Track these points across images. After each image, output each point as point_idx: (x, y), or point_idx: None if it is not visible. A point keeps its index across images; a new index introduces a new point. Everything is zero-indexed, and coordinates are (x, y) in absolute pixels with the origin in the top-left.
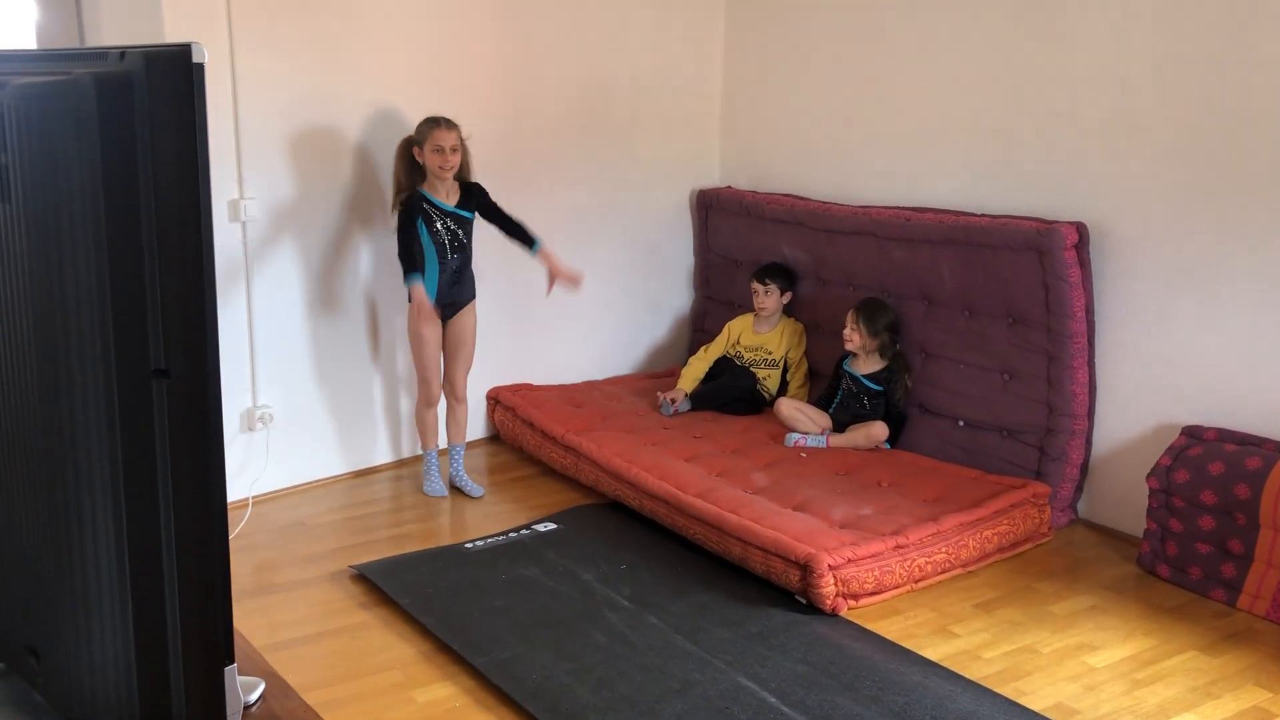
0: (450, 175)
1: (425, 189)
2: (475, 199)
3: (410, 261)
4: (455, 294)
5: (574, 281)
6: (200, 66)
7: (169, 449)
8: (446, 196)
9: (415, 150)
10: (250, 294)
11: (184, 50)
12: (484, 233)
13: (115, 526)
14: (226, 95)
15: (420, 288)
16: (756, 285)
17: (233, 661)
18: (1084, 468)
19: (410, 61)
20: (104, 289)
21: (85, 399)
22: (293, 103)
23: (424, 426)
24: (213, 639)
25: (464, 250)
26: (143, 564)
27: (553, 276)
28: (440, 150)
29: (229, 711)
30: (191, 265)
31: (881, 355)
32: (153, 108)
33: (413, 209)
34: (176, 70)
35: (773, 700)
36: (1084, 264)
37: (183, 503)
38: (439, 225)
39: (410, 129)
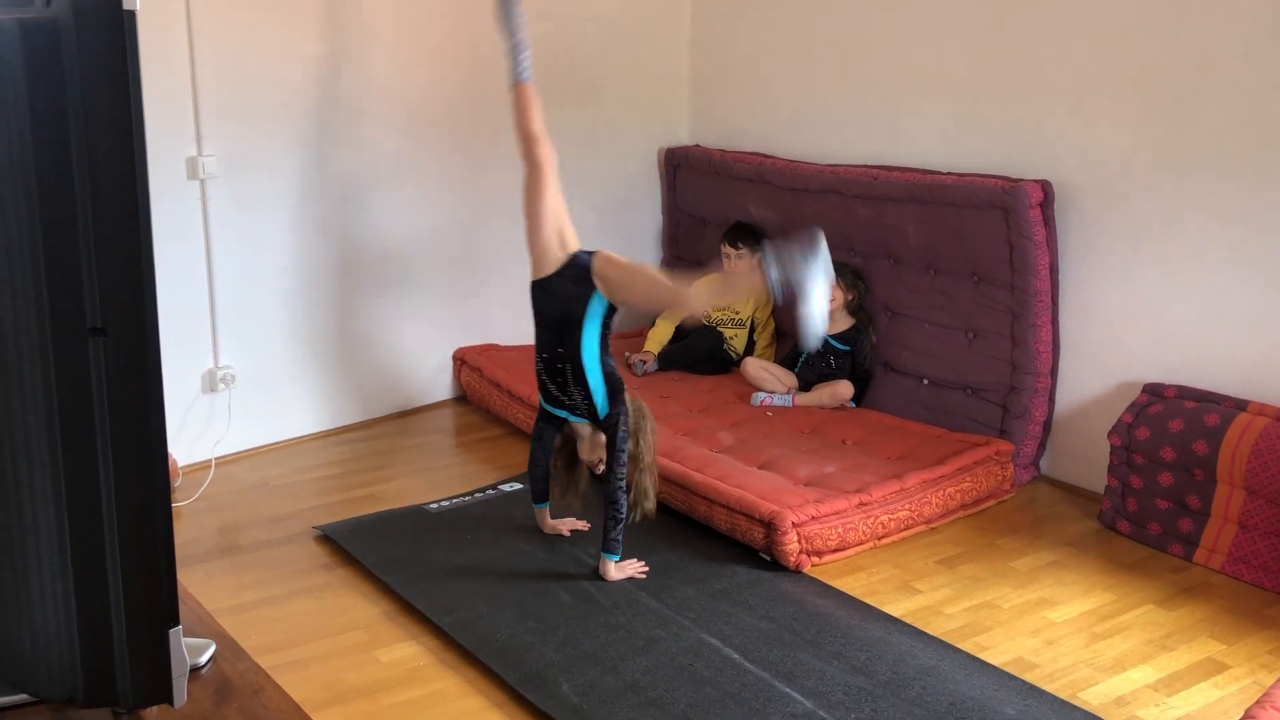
0: None
1: None
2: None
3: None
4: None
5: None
6: (132, 14)
7: (108, 408)
8: None
9: None
10: (210, 253)
11: None
12: (434, 180)
13: (54, 488)
14: (182, 48)
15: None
16: (728, 249)
17: (177, 623)
18: (1047, 425)
19: (371, 13)
20: (35, 244)
21: (20, 358)
22: (253, 55)
23: None
24: (157, 601)
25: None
26: (83, 526)
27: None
28: None
29: (174, 673)
30: (128, 221)
31: (849, 313)
32: (82, 56)
33: None
34: (106, 17)
35: (736, 657)
36: (1048, 222)
37: (123, 463)
38: None
39: (373, 79)
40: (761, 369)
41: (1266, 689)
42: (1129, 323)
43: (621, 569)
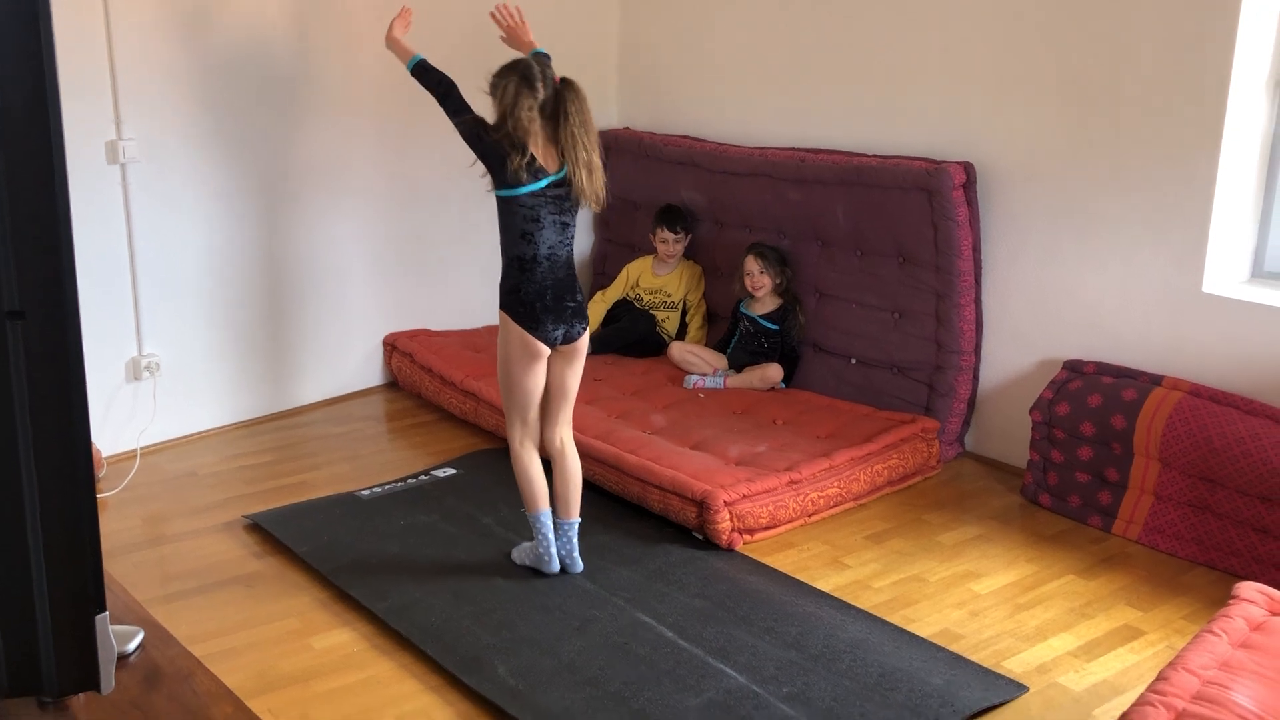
0: None
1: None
2: None
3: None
4: (565, 311)
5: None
6: None
7: (27, 393)
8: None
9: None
10: (132, 239)
11: None
12: (376, 165)
13: None
14: (99, 28)
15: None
16: (667, 233)
17: (104, 609)
18: (971, 402)
19: None
20: None
21: None
22: (174, 35)
23: (526, 480)
24: (81, 587)
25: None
26: (3, 513)
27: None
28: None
29: (101, 660)
30: (44, 203)
31: (777, 294)
32: None
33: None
34: None
35: (670, 635)
36: (971, 203)
37: (44, 448)
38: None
39: (298, 57)
40: (687, 352)
41: (1178, 652)
42: (1049, 301)
43: None
